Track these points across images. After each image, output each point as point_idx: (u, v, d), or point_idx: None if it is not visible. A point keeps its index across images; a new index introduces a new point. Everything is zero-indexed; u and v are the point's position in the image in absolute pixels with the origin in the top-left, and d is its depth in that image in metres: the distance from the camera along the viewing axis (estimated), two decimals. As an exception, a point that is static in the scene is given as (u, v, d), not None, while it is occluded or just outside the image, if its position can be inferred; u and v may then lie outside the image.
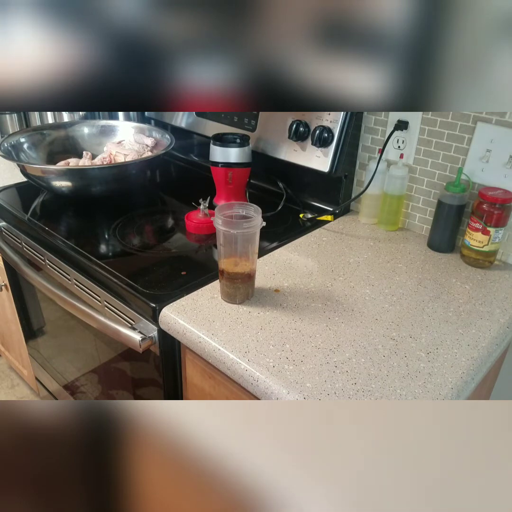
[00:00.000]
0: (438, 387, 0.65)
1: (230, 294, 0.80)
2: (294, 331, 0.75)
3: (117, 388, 1.08)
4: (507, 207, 0.89)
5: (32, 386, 1.62)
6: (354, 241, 1.02)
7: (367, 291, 0.85)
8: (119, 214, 1.11)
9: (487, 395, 0.99)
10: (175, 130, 1.37)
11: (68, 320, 1.13)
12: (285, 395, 0.64)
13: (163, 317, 0.78)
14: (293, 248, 0.99)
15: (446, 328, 0.77)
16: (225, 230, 0.73)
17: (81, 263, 0.94)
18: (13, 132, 1.26)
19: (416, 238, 1.05)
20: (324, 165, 1.06)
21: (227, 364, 0.70)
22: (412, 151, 1.02)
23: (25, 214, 1.11)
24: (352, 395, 0.64)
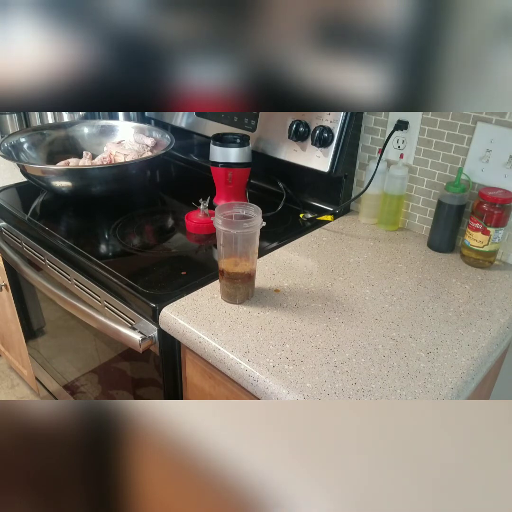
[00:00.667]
0: (438, 387, 0.65)
1: (230, 294, 0.80)
2: (294, 331, 0.75)
3: (117, 388, 1.08)
4: (507, 207, 0.89)
5: (32, 386, 1.62)
6: (354, 241, 1.02)
7: (367, 291, 0.85)
8: (119, 214, 1.11)
9: (487, 395, 0.99)
10: (175, 130, 1.37)
11: (68, 320, 1.13)
12: (285, 395, 0.64)
13: (163, 317, 0.78)
14: (293, 248, 0.99)
15: (446, 328, 0.77)
16: (225, 230, 0.73)
17: (81, 263, 0.94)
18: (13, 132, 1.26)
19: (416, 238, 1.05)
20: (324, 165, 1.06)
21: (227, 364, 0.70)
22: (412, 151, 1.02)
23: (25, 214, 1.11)
24: (352, 395, 0.64)
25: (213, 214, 0.84)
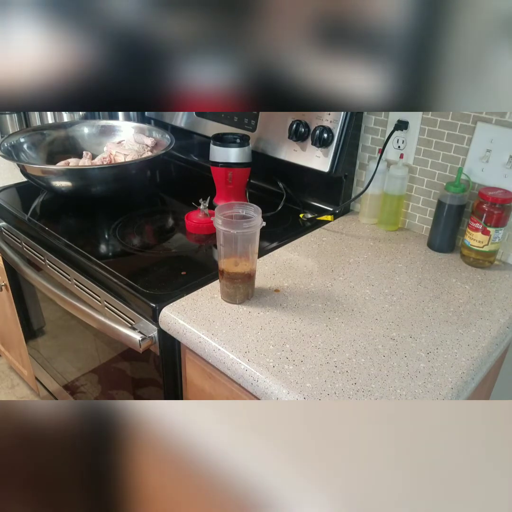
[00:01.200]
0: (438, 387, 0.65)
1: (230, 294, 0.80)
2: (294, 331, 0.75)
3: (117, 388, 1.08)
4: (507, 207, 0.89)
5: (32, 386, 1.62)
6: (354, 241, 1.02)
7: (367, 291, 0.85)
8: (119, 214, 1.11)
9: (487, 395, 0.99)
10: (175, 130, 1.37)
11: (68, 320, 1.13)
12: (285, 395, 0.64)
13: (163, 317, 0.78)
14: (293, 248, 0.99)
15: (446, 328, 0.77)
16: (225, 230, 0.73)
17: (81, 263, 0.94)
18: (13, 132, 1.26)
19: (416, 238, 1.05)
20: (324, 165, 1.06)
21: (227, 364, 0.70)
22: (412, 151, 1.02)
23: (25, 214, 1.11)
24: (352, 395, 0.64)
25: (213, 214, 0.84)
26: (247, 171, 1.11)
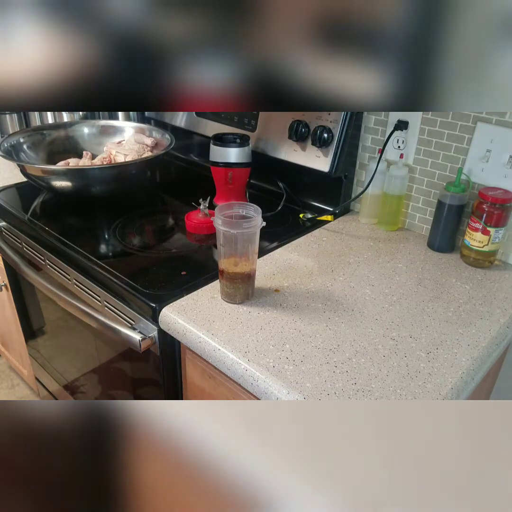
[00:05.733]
0: (438, 387, 0.65)
1: (230, 294, 0.80)
2: (294, 331, 0.75)
3: (117, 388, 1.08)
4: (507, 207, 0.89)
5: (32, 386, 1.62)
6: (354, 241, 1.02)
7: (367, 291, 0.85)
8: (119, 214, 1.11)
9: (487, 395, 0.99)
10: (175, 130, 1.37)
11: (68, 320, 1.13)
12: (285, 395, 0.64)
13: (163, 317, 0.78)
14: (293, 248, 0.99)
15: (446, 328, 0.77)
16: (225, 230, 0.73)
17: (81, 263, 0.94)
18: (13, 132, 1.26)
19: (416, 238, 1.05)
20: (324, 165, 1.06)
21: (227, 364, 0.70)
22: (412, 151, 1.02)
23: (25, 214, 1.11)
24: (352, 395, 0.64)
25: (213, 214, 0.84)
26: (247, 171, 1.11)
